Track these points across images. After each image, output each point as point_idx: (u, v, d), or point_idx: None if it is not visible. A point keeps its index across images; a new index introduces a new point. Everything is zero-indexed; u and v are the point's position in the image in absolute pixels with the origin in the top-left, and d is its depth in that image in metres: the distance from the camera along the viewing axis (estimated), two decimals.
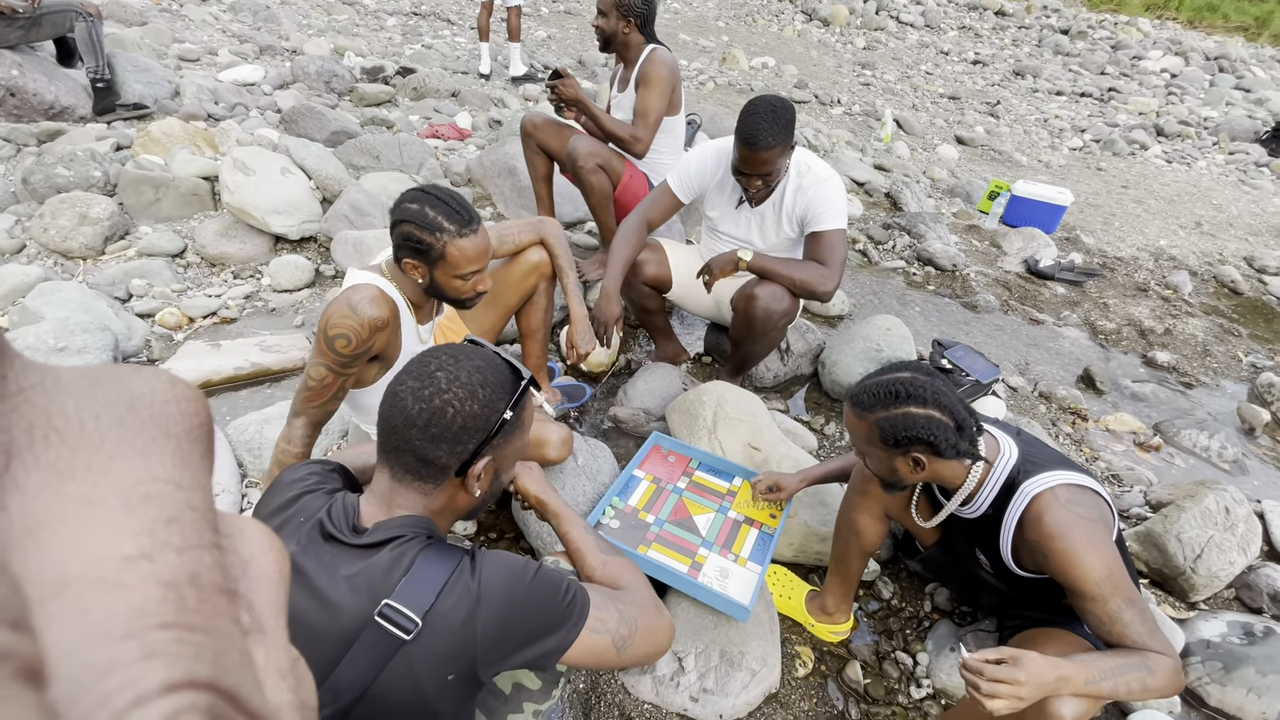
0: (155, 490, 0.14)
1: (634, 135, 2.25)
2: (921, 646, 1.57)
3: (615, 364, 2.35)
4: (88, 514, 0.13)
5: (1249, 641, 1.53)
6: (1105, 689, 1.02)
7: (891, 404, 1.12)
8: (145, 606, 0.12)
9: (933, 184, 4.58)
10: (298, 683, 0.17)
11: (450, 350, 0.85)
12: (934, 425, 1.10)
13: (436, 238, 1.28)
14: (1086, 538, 1.06)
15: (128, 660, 0.12)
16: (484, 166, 3.27)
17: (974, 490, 1.19)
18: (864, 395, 1.16)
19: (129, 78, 3.37)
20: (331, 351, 1.26)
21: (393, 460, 0.82)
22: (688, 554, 1.47)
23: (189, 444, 0.16)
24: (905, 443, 1.13)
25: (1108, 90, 8.01)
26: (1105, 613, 1.05)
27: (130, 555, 0.13)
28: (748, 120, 1.69)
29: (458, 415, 0.80)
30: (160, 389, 0.16)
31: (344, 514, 0.81)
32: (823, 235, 1.83)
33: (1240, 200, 5.13)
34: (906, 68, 8.21)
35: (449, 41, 6.28)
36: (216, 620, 0.14)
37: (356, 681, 0.73)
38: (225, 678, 0.13)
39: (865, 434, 1.17)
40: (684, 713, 1.36)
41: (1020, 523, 1.14)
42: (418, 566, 0.77)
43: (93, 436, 0.14)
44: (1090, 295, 3.37)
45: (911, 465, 1.16)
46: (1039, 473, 1.14)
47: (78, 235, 2.43)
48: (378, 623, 0.74)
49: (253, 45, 4.90)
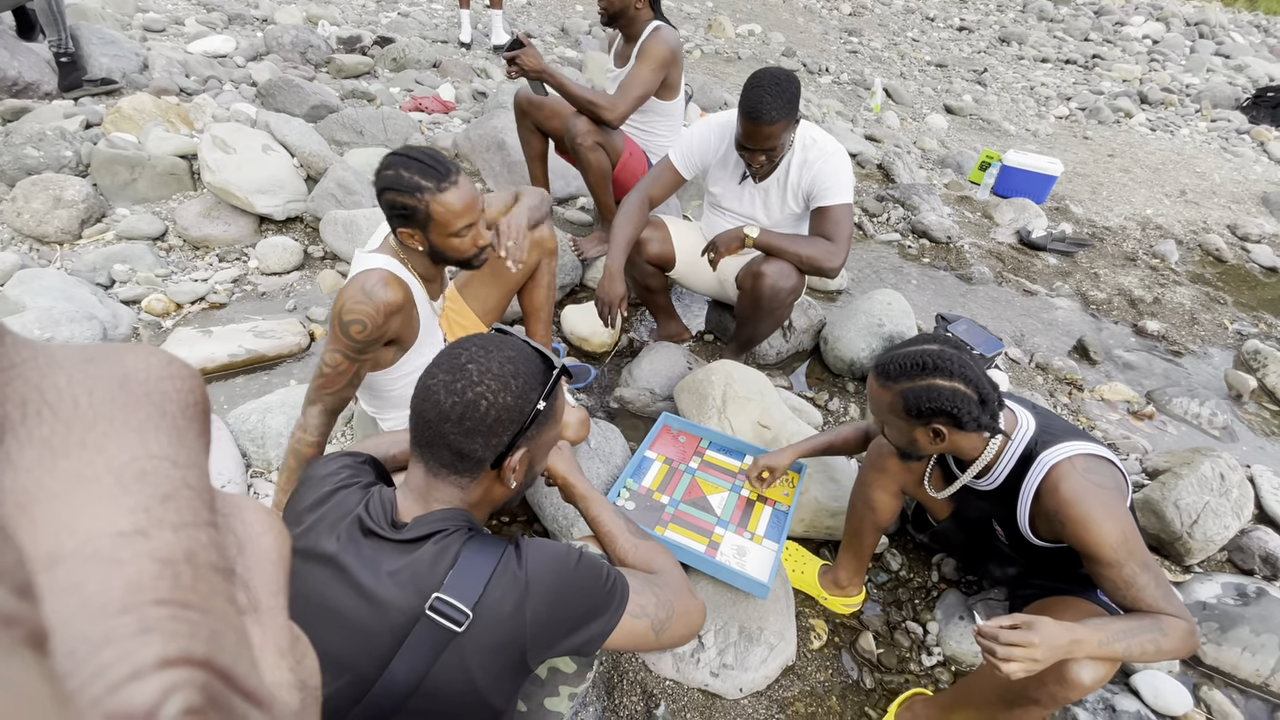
0: (150, 467, 0.14)
1: (610, 103, 2.13)
2: (931, 616, 1.60)
3: (618, 344, 2.33)
4: (82, 490, 0.13)
5: (1243, 602, 1.59)
6: (1119, 650, 1.04)
7: (918, 375, 1.13)
8: (141, 582, 0.12)
9: (923, 155, 4.57)
10: (297, 662, 0.17)
11: (480, 341, 0.84)
12: (958, 398, 1.11)
13: (418, 199, 1.24)
14: (1103, 505, 1.08)
15: (124, 634, 0.12)
16: (472, 141, 3.18)
17: (990, 462, 1.21)
18: (890, 365, 1.16)
19: (94, 50, 3.21)
20: (346, 338, 1.23)
21: (428, 455, 0.82)
22: (704, 534, 1.48)
23: (184, 422, 0.16)
24: (928, 414, 1.14)
25: (1092, 57, 8.00)
26: (1121, 577, 1.07)
27: (125, 531, 0.13)
28: (751, 94, 1.65)
29: (491, 408, 0.79)
30: (155, 366, 0.16)
31: (382, 509, 0.80)
32: (829, 210, 1.81)
33: (1223, 168, 5.19)
34: (893, 35, 8.11)
35: (426, 9, 6.05)
36: (212, 598, 0.13)
37: (411, 676, 0.73)
38: (220, 656, 0.13)
39: (888, 404, 1.18)
40: (705, 688, 1.39)
41: (1038, 492, 1.15)
42: (464, 559, 0.77)
43: (86, 413, 0.14)
44: (1081, 265, 3.40)
45: (931, 436, 1.17)
46: (1056, 444, 1.15)
47: (52, 219, 2.33)
48: (429, 616, 0.73)
49: (221, 14, 4.68)
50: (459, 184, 1.27)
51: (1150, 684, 1.44)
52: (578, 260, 2.48)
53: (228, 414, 1.76)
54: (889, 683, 1.48)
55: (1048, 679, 1.07)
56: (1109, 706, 1.38)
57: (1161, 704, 1.42)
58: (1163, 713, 1.41)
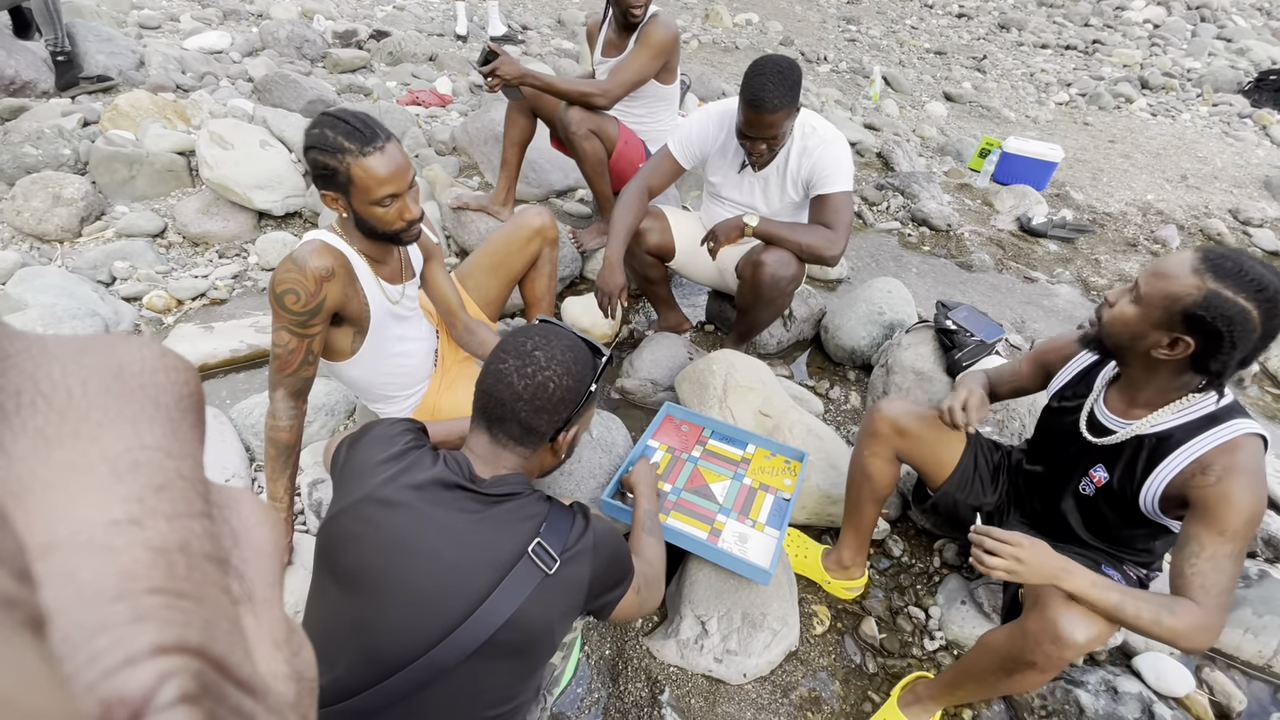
0: (144, 458, 0.14)
1: (600, 89, 2.09)
2: (933, 600, 1.61)
3: (619, 335, 2.34)
4: (75, 480, 0.13)
5: (1245, 585, 1.59)
6: (1112, 601, 1.03)
7: (1247, 292, 0.97)
8: (134, 571, 0.12)
9: (923, 142, 4.55)
10: (294, 654, 0.17)
11: (541, 331, 0.97)
12: (1241, 339, 0.98)
13: (340, 160, 1.18)
14: (1260, 487, 1.03)
15: (118, 622, 0.12)
16: (469, 134, 3.17)
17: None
18: (1227, 263, 0.99)
19: (90, 48, 3.20)
20: (285, 311, 1.21)
21: (496, 429, 0.94)
22: (706, 521, 1.49)
23: (179, 413, 0.16)
24: (1201, 327, 1.00)
25: (1092, 42, 7.94)
26: (1210, 550, 1.02)
27: (119, 520, 0.13)
28: (753, 81, 1.65)
29: (557, 389, 0.93)
30: (149, 358, 0.16)
31: (459, 468, 0.92)
32: (828, 198, 1.80)
33: (1224, 152, 5.16)
34: (892, 22, 8.06)
35: (421, 2, 6.02)
36: (206, 588, 0.13)
37: (508, 607, 0.83)
38: (214, 645, 0.13)
39: (1179, 291, 1.01)
40: (709, 673, 1.40)
41: (1214, 447, 1.08)
42: (552, 515, 0.91)
43: (80, 403, 0.14)
44: (1082, 252, 3.39)
45: (1166, 345, 1.05)
46: (1248, 419, 1.09)
47: (52, 217, 2.33)
48: (530, 558, 0.86)
49: (216, 10, 4.66)
50: (385, 150, 1.20)
51: (1152, 665, 1.45)
52: (577, 252, 2.48)
53: (230, 409, 1.77)
54: (892, 667, 1.49)
55: (1042, 638, 1.06)
56: (1111, 688, 1.38)
57: (1164, 685, 1.42)
58: (1165, 694, 1.42)
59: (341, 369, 1.46)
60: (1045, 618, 1.07)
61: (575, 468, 1.57)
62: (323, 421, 1.76)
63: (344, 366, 1.45)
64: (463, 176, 3.09)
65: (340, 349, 1.41)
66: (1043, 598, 1.09)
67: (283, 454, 1.32)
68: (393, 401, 1.58)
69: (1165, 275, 1.04)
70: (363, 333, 1.40)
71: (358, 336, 1.40)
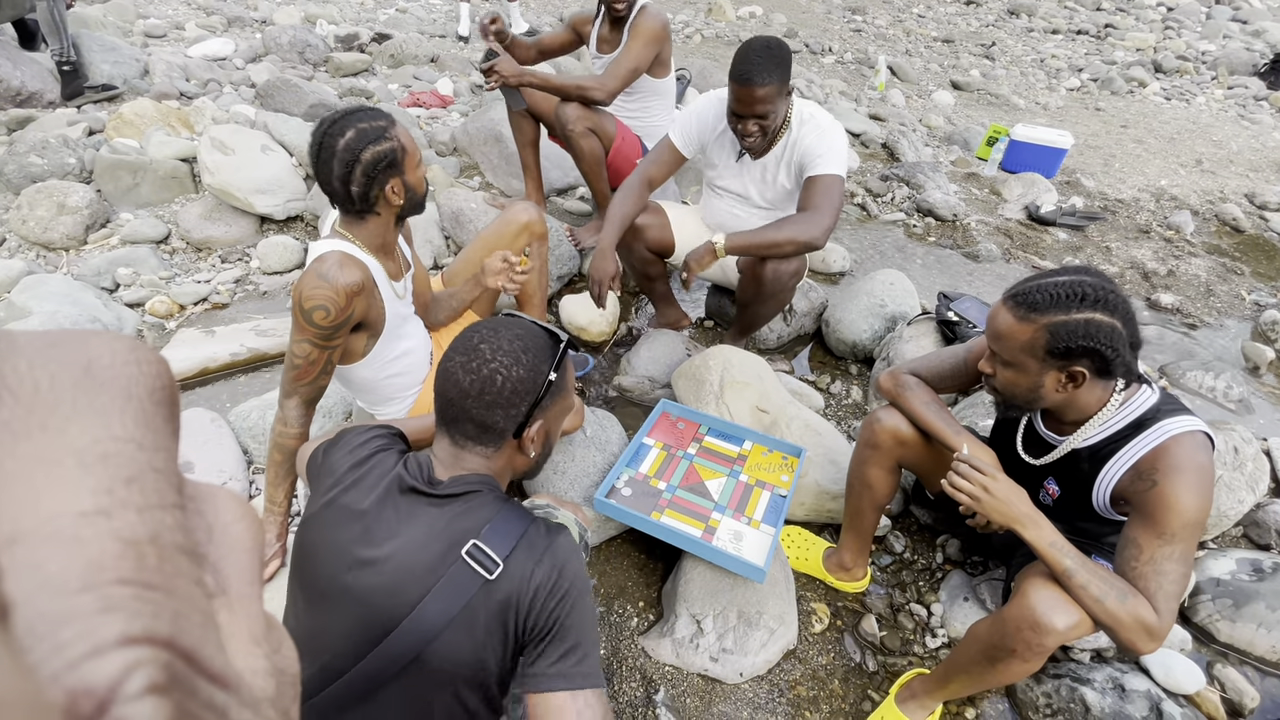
0: (114, 449, 0.14)
1: (598, 83, 2.10)
2: (935, 597, 1.58)
3: (616, 332, 2.33)
4: (42, 472, 0.13)
5: (1258, 578, 1.55)
6: (1064, 565, 1.03)
7: (1074, 307, 0.98)
8: (103, 562, 0.12)
9: (929, 132, 4.48)
10: (273, 649, 0.17)
11: (490, 323, 0.91)
12: (1116, 338, 0.98)
13: (390, 137, 1.22)
14: (1201, 484, 1.01)
15: (85, 612, 0.12)
16: (469, 134, 3.17)
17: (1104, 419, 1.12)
18: (1037, 295, 1.01)
19: (95, 58, 3.24)
20: (312, 326, 1.21)
21: (453, 429, 0.88)
22: (701, 518, 1.47)
23: (151, 405, 0.15)
24: (1077, 354, 1.00)
25: (1104, 27, 7.79)
26: (1153, 552, 1.00)
27: (87, 511, 0.13)
28: (742, 58, 1.63)
29: (506, 381, 0.86)
30: (120, 351, 0.15)
31: (419, 469, 0.88)
32: (816, 179, 1.74)
33: (1240, 136, 5.04)
34: (898, 11, 7.96)
35: (424, 3, 6.05)
36: (176, 580, 0.13)
37: (440, 617, 0.77)
38: (184, 637, 0.12)
39: (1025, 341, 1.03)
40: (705, 673, 1.38)
41: (1143, 455, 1.06)
42: (501, 516, 0.84)
43: (48, 397, 0.14)
44: (1093, 240, 3.33)
45: (1064, 382, 1.05)
46: (1180, 415, 1.07)
47: (58, 225, 2.37)
48: (464, 560, 0.79)
49: (220, 17, 4.71)
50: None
51: (1161, 662, 1.41)
52: (575, 250, 2.47)
53: (229, 411, 1.78)
54: (892, 665, 1.46)
55: (1022, 625, 1.05)
56: (1118, 685, 1.35)
57: (1173, 682, 1.39)
58: (1174, 691, 1.38)
59: (351, 371, 1.46)
60: (1024, 604, 1.05)
61: (569, 466, 1.56)
62: (321, 424, 1.76)
63: (354, 369, 1.45)
64: (463, 177, 3.10)
65: (354, 351, 1.41)
66: (1025, 585, 1.08)
67: (288, 459, 1.32)
68: (393, 403, 1.58)
69: (1004, 335, 1.06)
70: (376, 335, 1.41)
71: (371, 339, 1.41)
